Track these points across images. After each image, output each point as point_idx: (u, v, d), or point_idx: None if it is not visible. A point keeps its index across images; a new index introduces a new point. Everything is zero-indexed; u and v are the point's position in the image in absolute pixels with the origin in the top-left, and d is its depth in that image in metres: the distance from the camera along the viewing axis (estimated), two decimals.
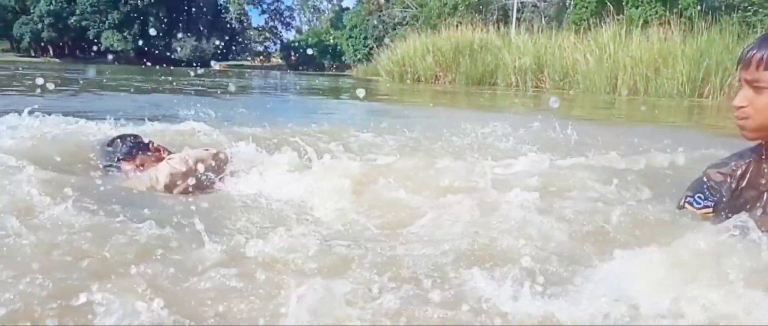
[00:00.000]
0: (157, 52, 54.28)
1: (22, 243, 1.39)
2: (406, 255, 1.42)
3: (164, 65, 45.56)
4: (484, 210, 1.69)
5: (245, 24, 64.26)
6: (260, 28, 66.73)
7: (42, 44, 53.77)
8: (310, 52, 58.56)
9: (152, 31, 54.14)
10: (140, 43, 53.54)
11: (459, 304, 1.14)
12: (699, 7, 16.55)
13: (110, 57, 51.81)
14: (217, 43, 56.65)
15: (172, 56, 54.13)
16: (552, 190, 2.09)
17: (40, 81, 8.09)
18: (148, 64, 38.42)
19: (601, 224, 1.67)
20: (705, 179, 1.74)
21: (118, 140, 2.12)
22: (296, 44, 62.51)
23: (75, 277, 1.26)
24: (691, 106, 10.66)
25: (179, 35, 55.30)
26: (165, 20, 54.38)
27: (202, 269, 1.30)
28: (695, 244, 1.25)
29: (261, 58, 65.94)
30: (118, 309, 1.07)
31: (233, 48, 63.69)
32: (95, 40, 53.26)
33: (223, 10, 62.17)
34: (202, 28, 56.78)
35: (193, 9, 57.31)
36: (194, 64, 51.19)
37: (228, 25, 61.30)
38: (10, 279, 1.23)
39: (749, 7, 17.40)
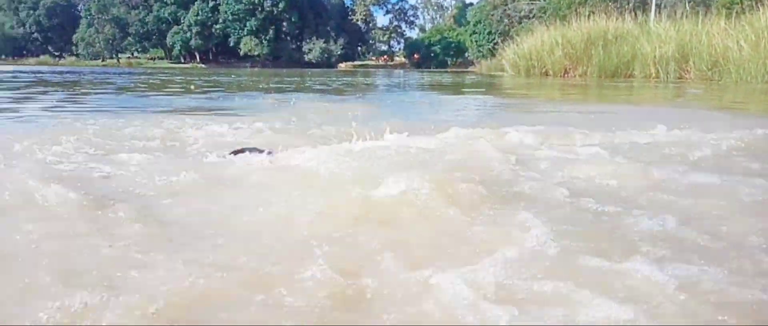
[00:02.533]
0: (289, 54, 57.56)
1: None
2: None
3: (296, 67, 48.26)
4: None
5: (370, 24, 65.94)
6: (384, 28, 68.11)
7: (190, 52, 59.29)
8: (433, 49, 58.68)
9: (285, 36, 57.49)
10: (275, 47, 57.10)
11: None
12: None
13: (247, 61, 55.81)
14: (343, 44, 58.73)
15: (303, 58, 57.13)
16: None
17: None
18: (283, 69, 40.73)
19: None
20: None
21: (242, 150, 3.04)
22: (419, 42, 62.95)
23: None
24: None
25: (309, 38, 58.14)
26: (297, 25, 57.43)
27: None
28: None
29: (385, 57, 67.26)
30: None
31: (358, 48, 65.68)
32: (236, 46, 57.65)
33: (349, 12, 64.31)
34: (329, 31, 59.16)
35: (322, 13, 59.93)
36: (325, 65, 53.66)
37: (354, 27, 63.25)
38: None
39: None
